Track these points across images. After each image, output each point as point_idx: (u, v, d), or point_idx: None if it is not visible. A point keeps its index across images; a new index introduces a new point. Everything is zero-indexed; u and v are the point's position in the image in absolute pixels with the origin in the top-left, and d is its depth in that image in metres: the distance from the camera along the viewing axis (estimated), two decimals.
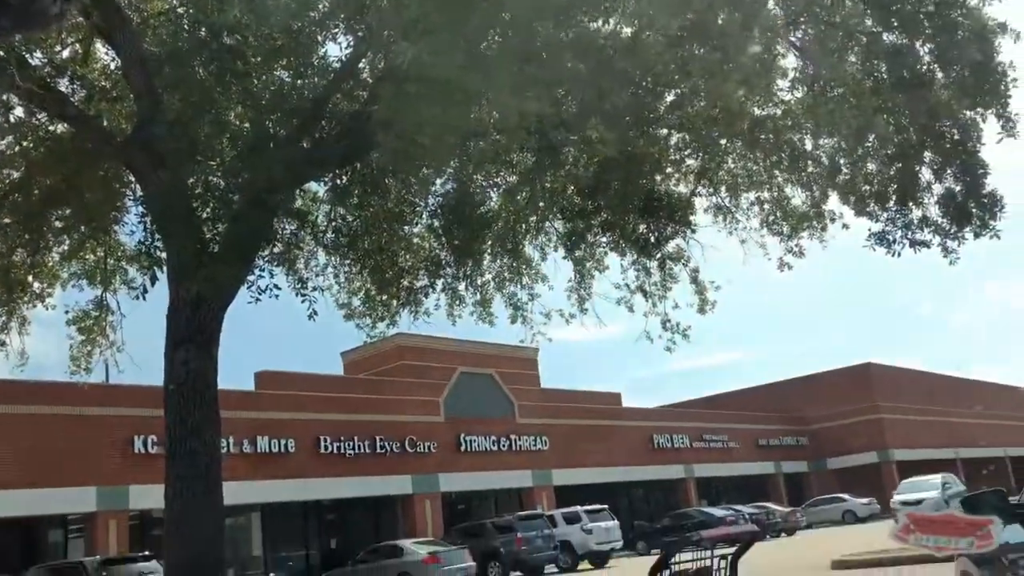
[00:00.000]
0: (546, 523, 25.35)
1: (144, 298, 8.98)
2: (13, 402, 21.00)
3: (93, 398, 21.89)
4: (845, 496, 39.96)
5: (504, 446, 33.39)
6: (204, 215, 8.90)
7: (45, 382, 21.53)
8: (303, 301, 9.80)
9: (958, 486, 32.12)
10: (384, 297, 11.97)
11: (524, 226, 12.79)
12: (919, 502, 27.24)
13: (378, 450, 29.04)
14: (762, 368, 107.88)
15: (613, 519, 27.87)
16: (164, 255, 8.92)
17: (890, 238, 12.30)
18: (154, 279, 8.70)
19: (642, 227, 12.40)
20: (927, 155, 12.56)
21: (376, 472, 28.67)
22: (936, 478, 32.28)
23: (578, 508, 27.89)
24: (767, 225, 12.99)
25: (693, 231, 12.74)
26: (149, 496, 20.02)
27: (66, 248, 11.88)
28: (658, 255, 12.82)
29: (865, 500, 39.07)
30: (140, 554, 18.26)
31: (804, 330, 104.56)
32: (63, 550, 22.86)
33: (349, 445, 28.18)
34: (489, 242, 12.25)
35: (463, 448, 31.96)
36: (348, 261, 11.82)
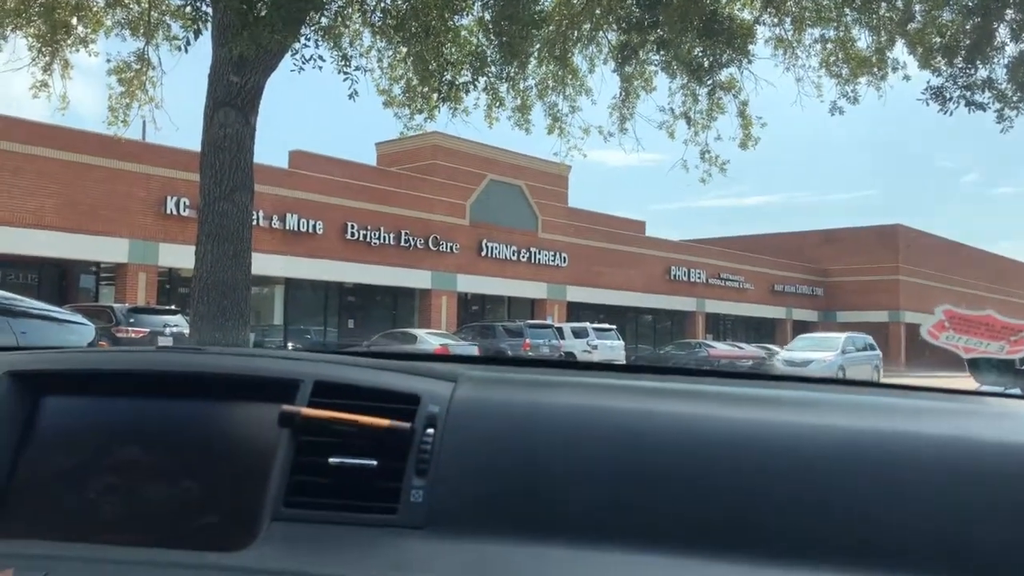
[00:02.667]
0: (554, 334, 26.12)
1: (186, 50, 8.88)
2: (53, 146, 21.32)
3: (130, 153, 22.17)
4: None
5: (524, 257, 33.86)
6: None
7: (85, 131, 21.76)
8: (345, 79, 9.67)
9: (870, 352, 27.68)
10: (425, 89, 11.79)
11: (576, 33, 12.40)
12: (808, 363, 24.29)
13: (402, 243, 29.59)
14: (791, 215, 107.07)
15: (619, 339, 28.64)
16: (210, 12, 8.76)
17: (947, 95, 11.89)
18: (198, 33, 8.56)
19: (698, 49, 12.00)
20: (1009, 13, 11.91)
21: (398, 263, 29.35)
22: (839, 337, 27.60)
23: (587, 324, 28.63)
24: (827, 65, 12.54)
25: (750, 61, 12.34)
26: (178, 254, 20.72)
27: None
28: (709, 81, 12.47)
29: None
30: (166, 307, 19.05)
31: (841, 182, 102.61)
32: (95, 295, 23.91)
33: (375, 234, 28.69)
34: (538, 45, 11.92)
35: (484, 253, 32.46)
36: (393, 45, 11.58)
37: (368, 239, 28.49)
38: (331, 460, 1.10)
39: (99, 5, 11.97)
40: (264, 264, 17.52)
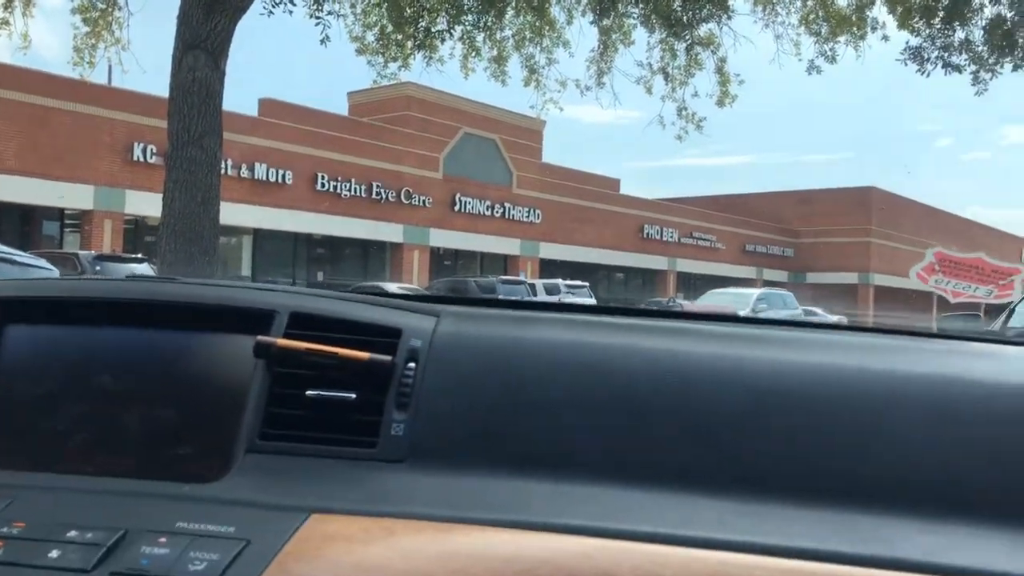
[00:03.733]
0: (527, 290, 26.15)
1: None
2: (15, 88, 20.77)
3: (96, 97, 21.69)
4: (816, 309, 41.17)
5: (498, 213, 33.77)
6: None
7: (49, 73, 21.20)
8: (317, 24, 9.47)
9: (788, 308, 26.04)
10: (399, 36, 11.59)
11: None
12: None
13: (374, 195, 29.35)
14: (765, 174, 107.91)
15: (591, 297, 28.77)
16: None
17: (925, 55, 11.90)
18: None
19: (677, 3, 11.88)
20: None
21: (370, 216, 29.13)
22: (751, 293, 25.55)
23: (559, 281, 28.69)
24: (806, 23, 12.47)
25: (729, 16, 12.24)
26: (145, 202, 20.41)
27: None
28: (688, 36, 12.38)
29: (836, 317, 40.30)
30: (133, 255, 18.79)
31: (815, 143, 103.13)
32: (59, 242, 23.51)
33: (346, 186, 28.42)
34: None
35: (457, 208, 32.32)
36: None
37: (339, 191, 28.21)
38: (308, 392, 1.06)
39: None
40: (232, 214, 17.31)
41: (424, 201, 30.99)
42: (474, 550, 0.87)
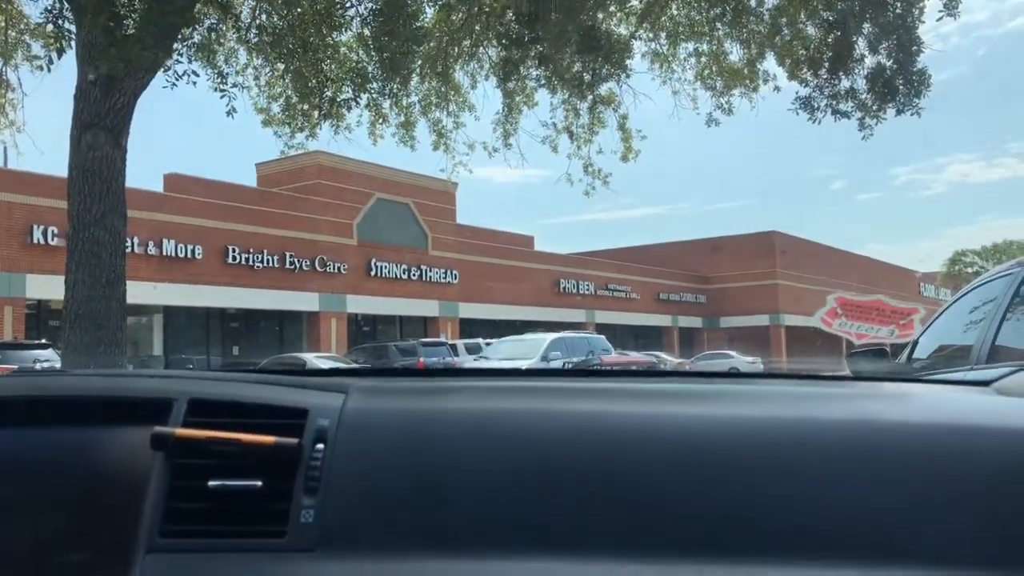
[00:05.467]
0: (448, 351, 26.00)
1: (49, 70, 8.43)
2: None
3: None
4: (732, 353, 42.02)
5: (415, 275, 33.66)
6: None
7: None
8: (222, 96, 9.38)
9: (598, 353, 22.82)
10: (305, 106, 11.58)
11: (457, 49, 12.42)
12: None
13: (287, 265, 28.93)
14: (673, 225, 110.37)
15: None
16: (73, 29, 8.33)
17: (815, 104, 12.45)
18: (61, 52, 8.13)
19: (577, 64, 12.20)
20: (866, 26, 12.56)
21: (284, 286, 28.66)
22: (543, 339, 21.97)
23: (480, 340, 28.63)
24: (701, 78, 12.95)
25: (628, 75, 12.62)
26: (47, 286, 19.65)
27: None
28: (590, 96, 12.70)
29: (751, 359, 41.17)
30: (36, 341, 18.03)
31: (720, 192, 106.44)
32: None
33: (258, 258, 27.95)
34: (419, 61, 11.87)
35: (373, 272, 32.10)
36: (270, 62, 11.32)
37: (251, 262, 27.72)
38: (211, 483, 1.02)
39: None
40: (140, 292, 16.81)
41: (339, 268, 30.69)
42: None
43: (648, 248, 52.99)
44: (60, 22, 8.28)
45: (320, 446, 1.04)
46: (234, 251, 27.21)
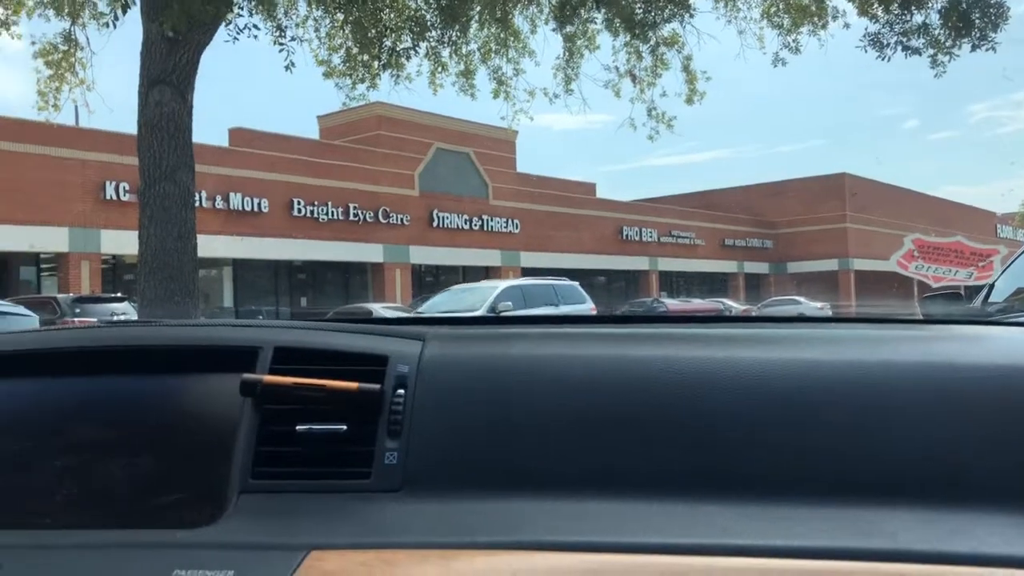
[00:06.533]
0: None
1: (114, 26, 8.60)
2: None
3: (64, 139, 21.53)
4: (800, 298, 41.41)
5: (476, 225, 33.78)
6: None
7: (15, 118, 21.04)
8: (281, 50, 9.46)
9: (568, 304, 19.13)
10: (365, 57, 11.59)
11: None
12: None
13: (351, 217, 29.28)
14: (738, 168, 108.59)
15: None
16: None
17: (884, 41, 12.00)
18: (125, 8, 8.27)
19: (639, 5, 11.94)
20: None
21: (348, 238, 29.06)
22: (495, 287, 18.53)
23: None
24: (768, 16, 12.57)
25: (691, 15, 12.31)
26: (121, 241, 20.26)
27: None
28: (652, 37, 12.44)
29: (819, 304, 40.51)
30: (112, 295, 18.64)
31: (786, 134, 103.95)
32: (36, 286, 23.28)
33: (323, 210, 28.34)
34: (478, 7, 11.76)
35: (435, 223, 32.29)
36: (330, 13, 11.33)
37: (315, 215, 28.13)
38: (298, 428, 1.05)
39: None
40: (210, 245, 17.19)
41: (402, 219, 30.96)
42: (478, 575, 0.86)
43: (712, 193, 52.18)
44: None
45: (401, 391, 1.07)
46: (299, 204, 27.63)
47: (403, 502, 0.98)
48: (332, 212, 28.64)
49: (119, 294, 18.70)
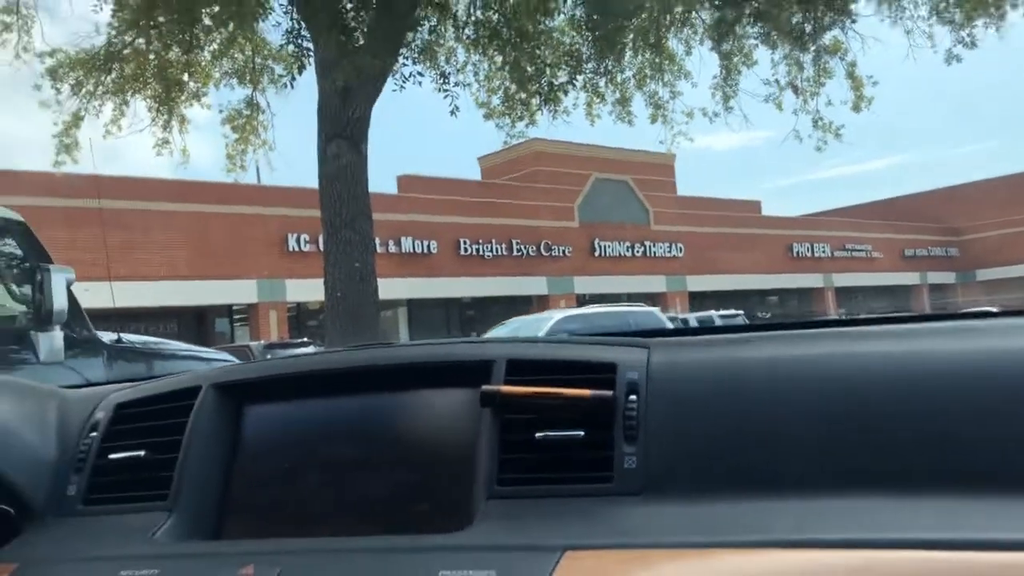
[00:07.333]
0: (681, 325, 25.72)
1: (291, 86, 9.24)
2: (179, 200, 22.48)
3: (249, 197, 23.16)
4: (992, 309, 38.43)
5: (639, 252, 33.56)
6: (347, 4, 8.90)
7: (206, 182, 22.85)
8: (445, 96, 9.84)
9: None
10: (523, 95, 11.87)
11: (669, 17, 12.21)
12: None
13: (515, 252, 29.81)
14: (915, 174, 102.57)
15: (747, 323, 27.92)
16: (310, 46, 9.06)
17: None
18: (301, 69, 8.88)
19: (797, 16, 11.64)
20: None
21: (513, 273, 29.57)
22: (548, 318, 16.51)
23: (712, 312, 28.04)
24: (937, 12, 11.93)
25: (853, 21, 11.89)
26: (304, 289, 21.48)
27: (216, 46, 12.23)
28: (813, 47, 12.08)
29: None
30: (299, 340, 19.74)
31: (966, 133, 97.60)
32: (231, 336, 25.00)
33: (487, 247, 29.02)
34: (631, 35, 11.81)
35: (597, 252, 32.34)
36: (488, 56, 11.70)
37: (481, 252, 28.84)
38: (537, 435, 1.09)
39: (206, 59, 12.54)
40: (386, 287, 17.95)
41: (564, 251, 31.21)
42: (734, 573, 0.87)
43: (888, 202, 49.51)
44: (299, 41, 9.00)
45: (632, 397, 1.10)
46: (465, 243, 28.43)
47: (647, 504, 1.01)
48: (496, 249, 29.27)
49: (305, 339, 19.78)
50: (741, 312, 28.44)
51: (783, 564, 0.86)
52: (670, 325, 17.70)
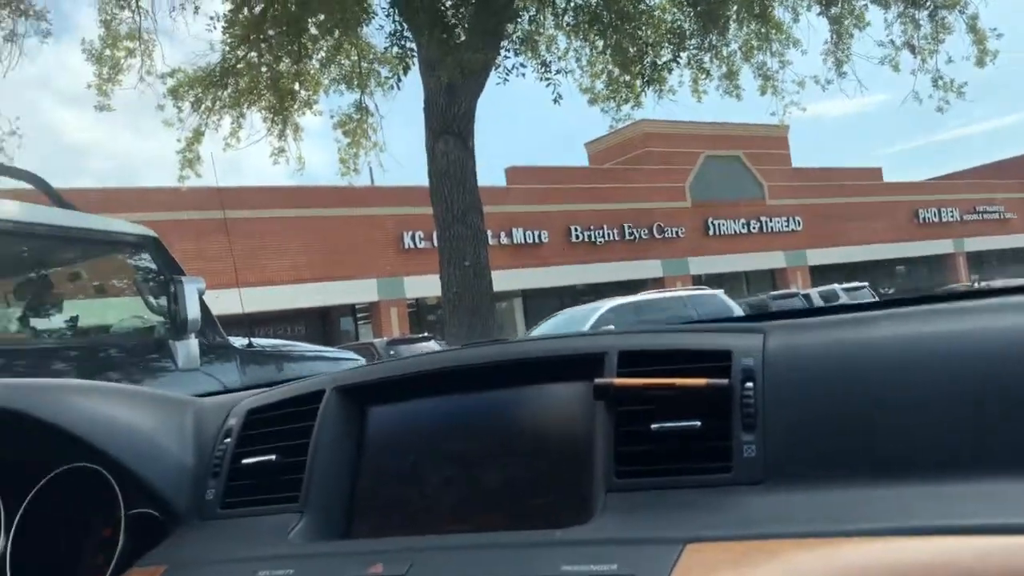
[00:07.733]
0: (802, 301, 24.92)
1: (398, 87, 9.44)
2: (298, 206, 23.29)
3: (364, 199, 23.80)
4: None
5: (754, 228, 32.71)
6: (447, 1, 9.01)
7: (322, 186, 23.60)
8: (547, 85, 9.84)
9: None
10: (627, 77, 11.74)
11: None
12: None
13: (627, 237, 29.55)
14: None
15: (874, 296, 26.86)
16: (414, 47, 9.21)
17: None
18: (406, 70, 9.05)
19: None
20: None
21: (626, 257, 29.32)
22: (598, 308, 15.08)
23: (835, 286, 27.07)
24: None
25: None
26: (421, 285, 21.92)
27: (323, 54, 12.59)
28: (929, 3, 11.50)
29: None
30: (420, 335, 20.16)
31: None
32: (355, 335, 25.77)
33: (599, 233, 28.88)
34: (735, 6, 11.51)
35: (711, 232, 31.71)
36: (589, 41, 11.62)
37: (593, 239, 28.71)
38: (653, 426, 1.08)
39: (315, 67, 12.93)
40: (499, 279, 18.12)
41: (677, 232, 30.73)
42: (866, 562, 0.84)
43: (1018, 159, 46.59)
44: (403, 43, 9.17)
45: (749, 384, 1.07)
46: (576, 230, 28.37)
47: (769, 493, 0.98)
48: (608, 234, 29.09)
49: (426, 333, 20.19)
50: (866, 284, 27.35)
51: (923, 552, 0.83)
52: (738, 310, 16.03)
